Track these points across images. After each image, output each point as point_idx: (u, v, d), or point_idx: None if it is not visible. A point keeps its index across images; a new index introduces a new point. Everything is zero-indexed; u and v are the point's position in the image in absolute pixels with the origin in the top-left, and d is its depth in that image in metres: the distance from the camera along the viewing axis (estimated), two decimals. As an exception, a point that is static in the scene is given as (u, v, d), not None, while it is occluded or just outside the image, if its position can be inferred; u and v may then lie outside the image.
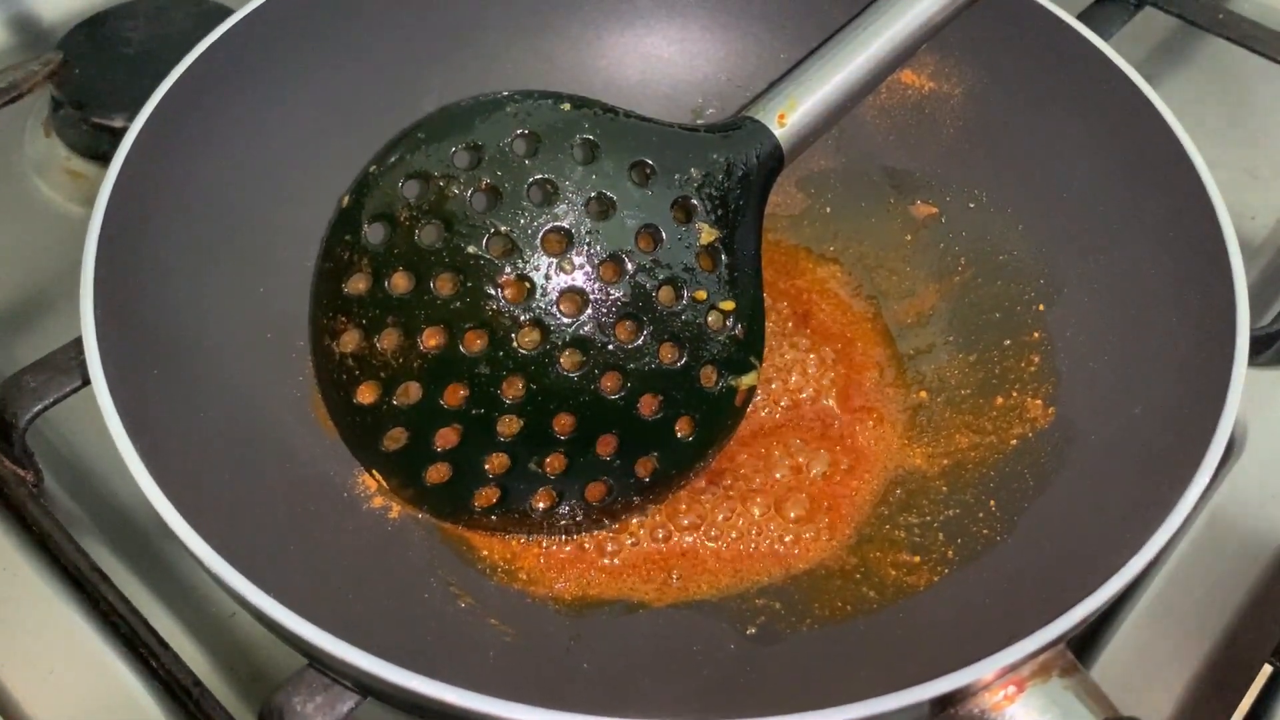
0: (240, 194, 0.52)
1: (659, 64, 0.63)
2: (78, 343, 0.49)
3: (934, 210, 0.59)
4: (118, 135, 0.65)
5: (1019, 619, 0.37)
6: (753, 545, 0.50)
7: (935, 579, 0.47)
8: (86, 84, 0.68)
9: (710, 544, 0.50)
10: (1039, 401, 0.51)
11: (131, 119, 0.47)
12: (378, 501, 0.49)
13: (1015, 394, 0.52)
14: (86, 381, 0.48)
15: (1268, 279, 0.64)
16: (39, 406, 0.49)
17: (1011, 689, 0.36)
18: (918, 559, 0.48)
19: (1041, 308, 0.53)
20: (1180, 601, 0.50)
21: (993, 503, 0.49)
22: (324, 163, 0.55)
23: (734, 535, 0.50)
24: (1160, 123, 0.50)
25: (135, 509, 0.54)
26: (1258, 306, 0.60)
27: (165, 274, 0.48)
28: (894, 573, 0.48)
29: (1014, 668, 0.35)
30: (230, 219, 0.51)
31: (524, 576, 0.49)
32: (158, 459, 0.40)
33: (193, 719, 0.45)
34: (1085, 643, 0.50)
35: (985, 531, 0.48)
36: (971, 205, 0.57)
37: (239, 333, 0.50)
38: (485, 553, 0.49)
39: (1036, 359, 0.52)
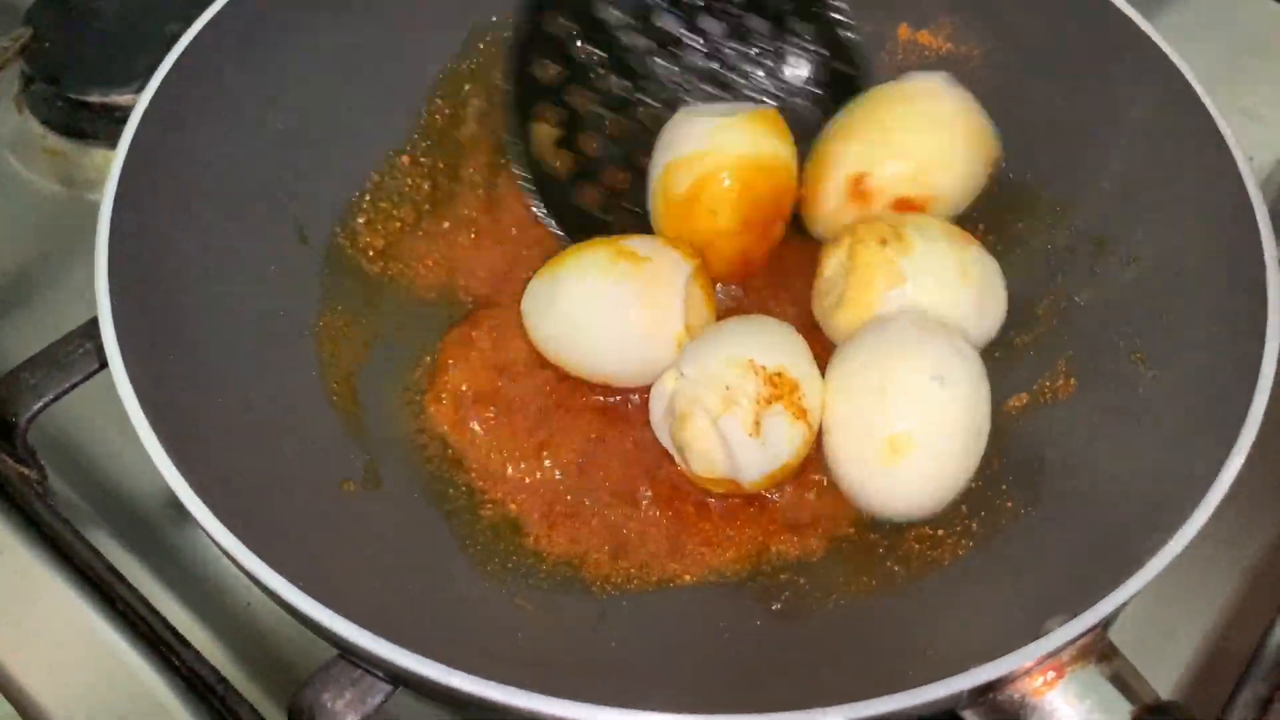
0: (249, 168, 0.50)
1: None
2: (74, 334, 0.48)
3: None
4: (94, 110, 0.64)
5: (1052, 600, 0.37)
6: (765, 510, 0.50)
7: (960, 553, 0.47)
8: (59, 58, 0.65)
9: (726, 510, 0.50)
10: (1060, 369, 0.50)
11: (106, 94, 0.45)
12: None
13: (1034, 362, 0.52)
14: (92, 373, 0.47)
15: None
16: (39, 404, 0.48)
17: (1051, 674, 0.35)
18: (940, 532, 0.48)
19: (1058, 276, 0.53)
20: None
21: (1013, 476, 0.48)
22: (330, 137, 0.54)
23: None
24: (1193, 97, 0.48)
25: (142, 501, 0.53)
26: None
27: (177, 251, 0.46)
28: (917, 546, 0.48)
29: (1054, 654, 0.35)
30: (241, 189, 0.50)
31: (546, 556, 0.49)
32: (179, 448, 0.39)
33: (219, 717, 0.44)
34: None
35: (1009, 504, 0.47)
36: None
37: (251, 309, 0.49)
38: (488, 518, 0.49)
39: (1056, 325, 0.52)
